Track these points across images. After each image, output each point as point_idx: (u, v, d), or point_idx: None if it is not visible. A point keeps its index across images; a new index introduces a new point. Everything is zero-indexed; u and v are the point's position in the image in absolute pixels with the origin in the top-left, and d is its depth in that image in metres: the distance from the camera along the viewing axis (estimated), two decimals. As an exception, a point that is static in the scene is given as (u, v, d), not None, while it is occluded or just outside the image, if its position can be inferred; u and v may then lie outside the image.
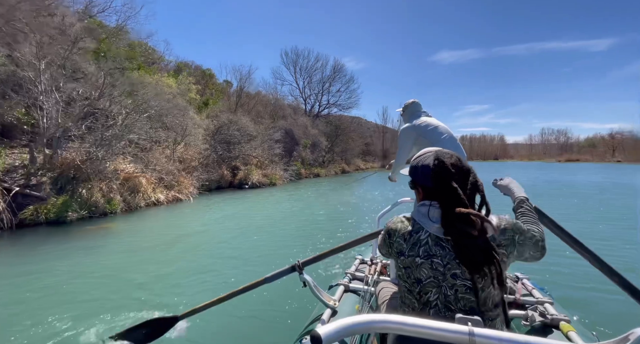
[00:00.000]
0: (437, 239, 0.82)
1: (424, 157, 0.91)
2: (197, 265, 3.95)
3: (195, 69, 22.85)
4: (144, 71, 12.28)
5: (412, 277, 0.84)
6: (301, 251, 4.42)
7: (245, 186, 13.49)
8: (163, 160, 9.60)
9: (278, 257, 4.16)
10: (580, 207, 8.07)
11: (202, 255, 4.43)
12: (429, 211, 0.84)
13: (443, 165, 0.85)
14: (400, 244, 0.87)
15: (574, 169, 29.32)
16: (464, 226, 0.78)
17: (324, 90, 32.46)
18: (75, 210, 6.33)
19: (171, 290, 3.19)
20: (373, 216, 6.71)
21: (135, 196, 7.95)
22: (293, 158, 20.01)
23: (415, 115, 2.38)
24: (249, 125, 15.38)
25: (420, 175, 0.90)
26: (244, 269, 3.78)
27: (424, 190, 0.90)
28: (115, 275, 3.62)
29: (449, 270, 0.79)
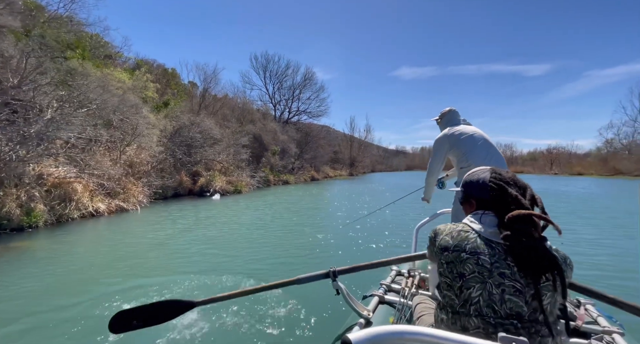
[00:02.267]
0: (487, 240, 0.82)
1: (480, 172, 0.95)
2: (130, 297, 3.05)
3: (157, 68, 21.11)
4: (90, 62, 10.73)
5: (455, 271, 0.82)
6: (268, 272, 3.72)
7: (207, 194, 12.31)
8: (107, 164, 8.24)
9: (234, 280, 3.42)
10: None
11: (139, 282, 3.49)
12: (481, 217, 0.86)
13: (501, 177, 0.88)
14: (446, 241, 0.87)
15: (527, 179, 32.00)
16: (525, 227, 0.76)
17: (294, 97, 32.02)
18: (-26, 225, 4.93)
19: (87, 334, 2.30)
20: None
21: (67, 206, 6.59)
22: (261, 165, 19.06)
23: (451, 123, 2.26)
24: (213, 127, 14.25)
25: (476, 188, 0.92)
26: None
27: (478, 203, 0.91)
28: (17, 314, 2.62)
29: (497, 268, 0.77)
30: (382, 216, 8.16)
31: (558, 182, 26.08)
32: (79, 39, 11.22)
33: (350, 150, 45.12)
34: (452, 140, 2.18)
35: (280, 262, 4.22)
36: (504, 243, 0.77)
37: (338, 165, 38.26)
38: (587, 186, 20.83)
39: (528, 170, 59.51)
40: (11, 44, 6.49)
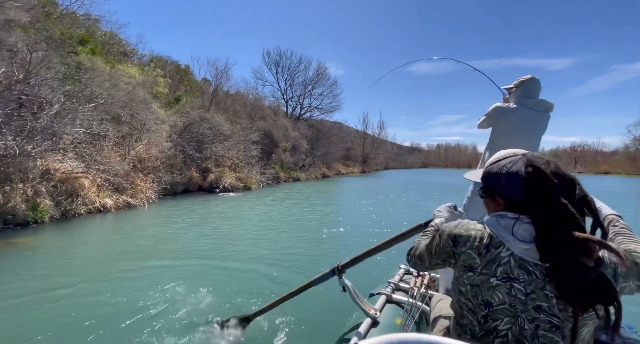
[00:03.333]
0: (522, 261, 0.64)
1: (510, 162, 0.72)
2: (131, 298, 2.84)
3: (171, 64, 21.26)
4: (101, 57, 10.77)
5: (480, 298, 0.68)
6: (277, 274, 3.43)
7: (216, 191, 12.22)
8: (116, 159, 8.21)
9: (244, 285, 3.15)
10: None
11: (140, 283, 3.30)
12: (514, 226, 0.66)
13: (540, 173, 0.66)
14: (472, 258, 0.69)
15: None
16: (576, 254, 0.59)
17: (306, 93, 31.65)
18: (-22, 220, 4.91)
19: None
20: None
21: (74, 201, 6.55)
22: (271, 161, 18.88)
23: (525, 95, 2.00)
24: (223, 123, 14.12)
25: (504, 185, 0.70)
26: (195, 302, 2.74)
27: (507, 203, 0.71)
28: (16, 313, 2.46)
29: (533, 300, 0.63)
30: (394, 213, 7.75)
31: (582, 181, 24.58)
32: (90, 34, 11.27)
33: (363, 147, 44.46)
34: (502, 114, 2.02)
35: (288, 260, 3.94)
36: (543, 265, 0.62)
37: (350, 161, 37.78)
38: (612, 186, 19.49)
39: (549, 168, 57.08)
40: (19, 38, 6.46)
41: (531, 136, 1.97)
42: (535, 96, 1.98)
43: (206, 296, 2.90)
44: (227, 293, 2.99)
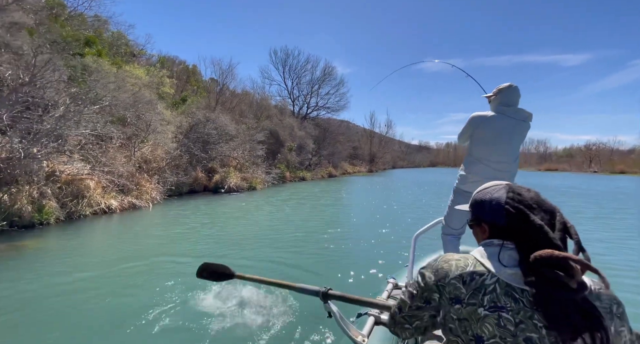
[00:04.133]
0: (508, 288, 0.62)
1: (492, 189, 0.75)
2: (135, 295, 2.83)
3: (179, 64, 21.41)
4: (108, 59, 10.86)
5: (470, 333, 0.64)
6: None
7: (222, 191, 12.23)
8: (122, 160, 8.25)
9: None
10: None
11: (142, 284, 3.26)
12: (500, 252, 0.66)
13: (521, 198, 0.69)
14: (457, 288, 0.66)
15: (561, 177, 29.79)
16: (556, 274, 0.58)
17: (313, 92, 31.49)
18: (-16, 222, 4.96)
19: None
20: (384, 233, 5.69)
21: (79, 203, 6.60)
22: (277, 161, 18.85)
23: (504, 103, 1.96)
24: (228, 123, 14.12)
25: (488, 211, 0.72)
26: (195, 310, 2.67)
27: (491, 228, 0.72)
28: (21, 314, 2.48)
29: (522, 331, 0.59)
30: (400, 213, 7.57)
31: (596, 181, 23.83)
32: (97, 35, 11.38)
33: (370, 146, 44.07)
34: (480, 124, 1.97)
35: (290, 261, 3.84)
36: (529, 291, 0.61)
37: (357, 161, 37.49)
38: (624, 187, 18.75)
39: (563, 167, 55.66)
40: (25, 41, 6.51)
41: (510, 146, 1.94)
42: (514, 104, 1.94)
43: (208, 296, 2.96)
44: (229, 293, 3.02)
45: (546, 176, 31.60)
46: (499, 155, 1.92)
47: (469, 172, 1.98)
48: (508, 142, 1.93)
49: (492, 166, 1.91)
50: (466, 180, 1.99)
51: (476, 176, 1.94)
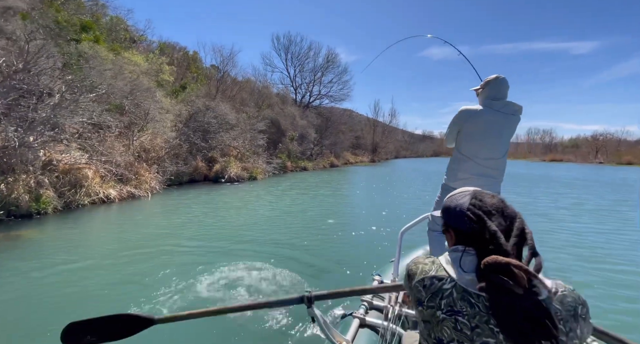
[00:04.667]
0: (465, 293, 0.65)
1: (459, 196, 0.78)
2: (131, 288, 2.82)
3: (179, 51, 21.00)
4: (105, 45, 10.62)
5: (433, 335, 0.67)
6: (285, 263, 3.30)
7: (222, 180, 12.21)
8: (120, 150, 8.20)
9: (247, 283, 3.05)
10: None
11: (139, 271, 3.25)
12: (461, 258, 0.69)
13: (482, 204, 0.71)
14: (419, 291, 0.71)
15: (565, 168, 29.42)
16: (504, 281, 0.59)
17: (315, 80, 30.92)
18: (-19, 211, 4.97)
19: None
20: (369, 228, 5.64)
21: (77, 192, 6.60)
22: (278, 150, 18.72)
23: (492, 96, 1.88)
24: (228, 112, 13.93)
25: (453, 216, 0.76)
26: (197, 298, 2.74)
27: (456, 234, 0.75)
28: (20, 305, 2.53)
29: (479, 335, 0.61)
30: (399, 203, 7.50)
31: (602, 172, 23.49)
32: (94, 20, 11.09)
33: (373, 135, 43.62)
34: (468, 119, 1.89)
35: (285, 252, 3.82)
36: (485, 297, 0.61)
37: (360, 150, 37.21)
38: (628, 178, 18.44)
39: (569, 158, 54.99)
40: (17, 26, 6.33)
41: (499, 140, 1.89)
42: (503, 97, 1.87)
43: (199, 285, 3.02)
44: (220, 283, 3.08)
45: (550, 167, 31.28)
46: (488, 151, 1.87)
47: (459, 169, 1.94)
48: (498, 137, 1.87)
49: (482, 163, 1.87)
50: (455, 177, 1.96)
51: (465, 173, 1.91)
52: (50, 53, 5.91)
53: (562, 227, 5.99)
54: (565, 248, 4.69)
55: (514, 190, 11.73)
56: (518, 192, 11.27)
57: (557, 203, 8.92)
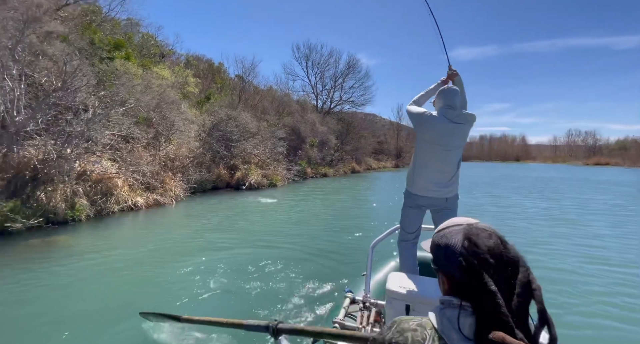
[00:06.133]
0: None
1: (450, 232, 0.63)
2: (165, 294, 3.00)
3: (205, 62, 22.11)
4: (136, 62, 11.40)
5: None
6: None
7: (242, 188, 12.49)
8: (148, 159, 8.68)
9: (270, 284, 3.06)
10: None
11: (167, 285, 3.40)
12: (459, 317, 0.55)
13: (477, 250, 0.57)
14: None
15: (610, 172, 26.82)
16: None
17: (336, 86, 31.03)
18: (24, 219, 5.42)
19: None
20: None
21: (108, 200, 7.03)
22: (298, 157, 18.89)
23: (447, 105, 1.90)
24: (250, 121, 14.32)
25: (443, 260, 0.62)
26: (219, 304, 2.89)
27: (449, 280, 0.62)
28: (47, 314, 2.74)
29: None
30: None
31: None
32: (127, 38, 11.97)
33: (397, 140, 42.72)
34: (423, 123, 1.93)
35: (303, 261, 3.79)
36: None
37: (383, 156, 36.60)
38: None
39: (616, 161, 50.42)
40: (57, 48, 6.96)
41: (451, 149, 1.91)
42: (455, 106, 1.91)
43: None
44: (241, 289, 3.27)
45: (592, 171, 28.70)
46: (441, 159, 1.91)
47: (415, 175, 1.98)
48: (449, 146, 1.90)
49: (437, 170, 1.92)
50: (413, 183, 1.99)
51: (422, 180, 1.95)
52: (85, 72, 6.43)
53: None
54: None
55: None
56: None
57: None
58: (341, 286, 3.26)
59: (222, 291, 3.28)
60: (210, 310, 2.83)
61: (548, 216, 7.82)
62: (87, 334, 2.48)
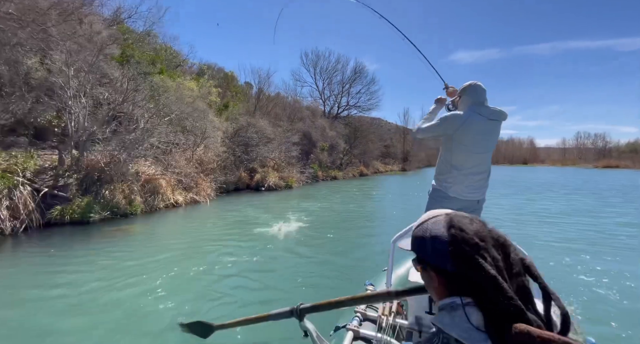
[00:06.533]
0: None
1: (432, 223, 0.60)
2: (219, 272, 3.95)
3: (218, 71, 23.47)
4: (166, 74, 12.65)
5: None
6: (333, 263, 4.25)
7: (262, 189, 13.55)
8: (183, 162, 9.81)
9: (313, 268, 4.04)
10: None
11: (227, 261, 4.40)
12: (469, 316, 0.50)
13: (464, 235, 0.54)
14: None
15: (619, 175, 27.18)
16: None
17: (343, 92, 32.19)
18: (97, 212, 6.56)
19: (196, 298, 3.25)
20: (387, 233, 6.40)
21: (155, 198, 8.14)
22: (310, 161, 19.94)
23: (477, 102, 1.80)
24: (267, 127, 15.46)
25: (430, 253, 0.57)
26: (269, 280, 3.73)
27: (440, 277, 0.57)
28: (137, 279, 3.69)
29: None
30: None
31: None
32: (157, 54, 13.26)
33: (403, 144, 43.48)
34: (459, 125, 1.77)
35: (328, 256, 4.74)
36: None
37: (390, 159, 37.35)
38: None
39: (626, 164, 49.95)
40: (113, 67, 8.18)
41: (488, 150, 1.85)
42: (485, 102, 1.83)
43: None
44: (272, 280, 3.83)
45: (601, 174, 29.00)
46: (479, 163, 1.84)
47: (449, 177, 1.88)
48: (487, 146, 1.85)
49: (472, 172, 1.84)
50: (447, 186, 1.88)
51: (457, 183, 1.86)
52: (142, 88, 7.61)
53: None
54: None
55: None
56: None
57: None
58: (361, 280, 3.62)
59: (247, 280, 3.77)
60: (239, 298, 3.25)
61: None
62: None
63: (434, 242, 0.57)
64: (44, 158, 7.22)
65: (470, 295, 0.52)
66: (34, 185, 6.16)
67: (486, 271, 0.49)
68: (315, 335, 1.14)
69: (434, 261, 0.57)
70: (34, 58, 6.95)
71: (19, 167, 6.07)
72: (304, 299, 1.19)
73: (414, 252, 0.63)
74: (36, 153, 6.97)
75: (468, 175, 1.83)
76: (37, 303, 3.08)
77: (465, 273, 0.52)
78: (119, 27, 12.78)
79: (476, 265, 0.51)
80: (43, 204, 6.13)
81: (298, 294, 3.30)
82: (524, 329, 0.45)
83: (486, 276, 0.49)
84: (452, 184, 1.86)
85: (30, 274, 3.86)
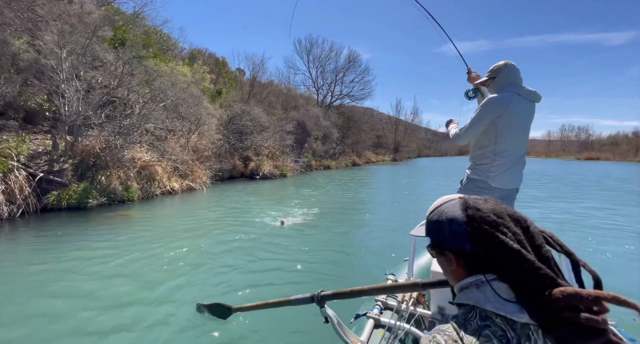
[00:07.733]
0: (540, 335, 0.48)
1: (446, 207, 0.61)
2: (215, 258, 4.06)
3: (209, 57, 22.85)
4: (159, 59, 12.31)
5: None
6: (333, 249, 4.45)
7: (257, 177, 13.61)
8: (178, 149, 9.74)
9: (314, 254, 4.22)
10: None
11: (222, 246, 4.52)
12: (498, 291, 0.52)
13: (481, 214, 0.55)
14: None
15: (600, 166, 28.37)
16: (583, 319, 0.44)
17: (337, 81, 31.98)
18: (95, 197, 6.54)
19: (196, 282, 3.33)
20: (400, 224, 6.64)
21: (151, 185, 8.13)
22: (304, 150, 19.99)
23: (514, 84, 1.69)
24: (262, 115, 15.36)
25: (448, 235, 0.59)
26: (273, 267, 3.87)
27: (460, 258, 0.58)
28: (136, 264, 3.76)
29: None
30: (414, 202, 8.40)
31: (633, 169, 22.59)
32: (148, 37, 12.84)
33: (395, 134, 43.86)
34: (510, 107, 1.65)
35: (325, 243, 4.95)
36: None
37: (381, 149, 37.72)
38: None
39: (606, 156, 52.01)
40: (105, 49, 7.94)
41: (527, 132, 1.77)
42: (522, 83, 1.73)
43: None
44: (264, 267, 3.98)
45: (582, 165, 30.21)
46: (521, 145, 1.74)
47: (493, 166, 1.74)
48: (526, 128, 1.76)
49: (513, 156, 1.73)
50: (491, 176, 1.75)
51: (501, 171, 1.73)
52: (137, 72, 7.45)
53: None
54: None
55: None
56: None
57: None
58: (373, 266, 3.55)
59: (256, 264, 3.81)
60: (254, 282, 3.27)
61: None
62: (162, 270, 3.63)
63: (451, 224, 0.58)
64: (35, 143, 7.08)
65: (494, 271, 0.53)
66: (29, 170, 6.08)
67: (509, 246, 0.50)
68: (336, 322, 1.15)
69: (452, 243, 0.58)
70: (22, 39, 6.68)
71: (12, 150, 5.96)
72: (316, 286, 1.29)
73: (428, 238, 0.64)
74: (27, 137, 6.81)
75: (512, 161, 1.73)
76: (37, 285, 3.12)
77: (487, 250, 0.53)
78: (108, 8, 12.25)
79: (498, 241, 0.51)
80: (39, 189, 6.07)
81: (305, 280, 3.35)
82: (571, 291, 0.45)
83: (510, 251, 0.50)
84: (496, 173, 1.74)
85: (29, 257, 3.90)
